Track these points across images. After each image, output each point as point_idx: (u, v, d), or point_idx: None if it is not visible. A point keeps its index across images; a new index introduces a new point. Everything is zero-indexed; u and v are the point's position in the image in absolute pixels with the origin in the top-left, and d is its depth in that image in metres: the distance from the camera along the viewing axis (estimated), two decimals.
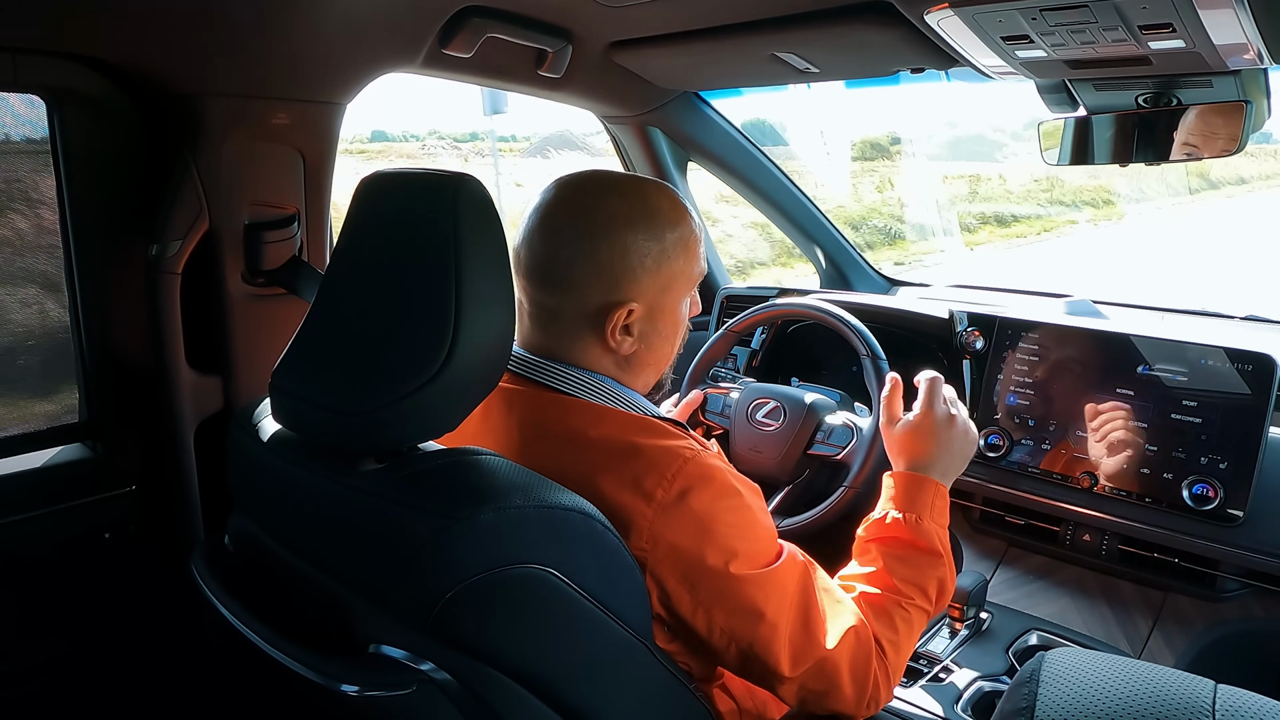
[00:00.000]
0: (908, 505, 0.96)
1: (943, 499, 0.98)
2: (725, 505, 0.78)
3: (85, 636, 1.28)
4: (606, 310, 0.83)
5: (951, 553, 0.96)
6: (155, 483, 1.30)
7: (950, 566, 0.95)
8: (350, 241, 0.77)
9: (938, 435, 1.01)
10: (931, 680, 1.16)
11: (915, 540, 0.93)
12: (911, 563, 0.92)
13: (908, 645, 0.89)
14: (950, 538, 0.97)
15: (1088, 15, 1.02)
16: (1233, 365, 1.25)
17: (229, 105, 1.19)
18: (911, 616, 0.90)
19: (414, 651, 0.67)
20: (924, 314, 1.54)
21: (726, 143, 1.97)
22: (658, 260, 0.84)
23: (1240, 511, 1.22)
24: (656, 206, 0.85)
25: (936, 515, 0.96)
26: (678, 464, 0.77)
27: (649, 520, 0.75)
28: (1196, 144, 1.29)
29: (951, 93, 2.49)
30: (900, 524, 0.94)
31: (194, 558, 0.84)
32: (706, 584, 0.77)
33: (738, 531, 0.78)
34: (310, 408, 0.72)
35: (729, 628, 0.78)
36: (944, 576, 0.93)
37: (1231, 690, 0.47)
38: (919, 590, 0.91)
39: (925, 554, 0.93)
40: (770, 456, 1.38)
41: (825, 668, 0.81)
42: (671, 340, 0.90)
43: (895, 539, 0.94)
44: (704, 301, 2.11)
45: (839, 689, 0.82)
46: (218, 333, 1.27)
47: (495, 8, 1.28)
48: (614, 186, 0.85)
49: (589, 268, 0.82)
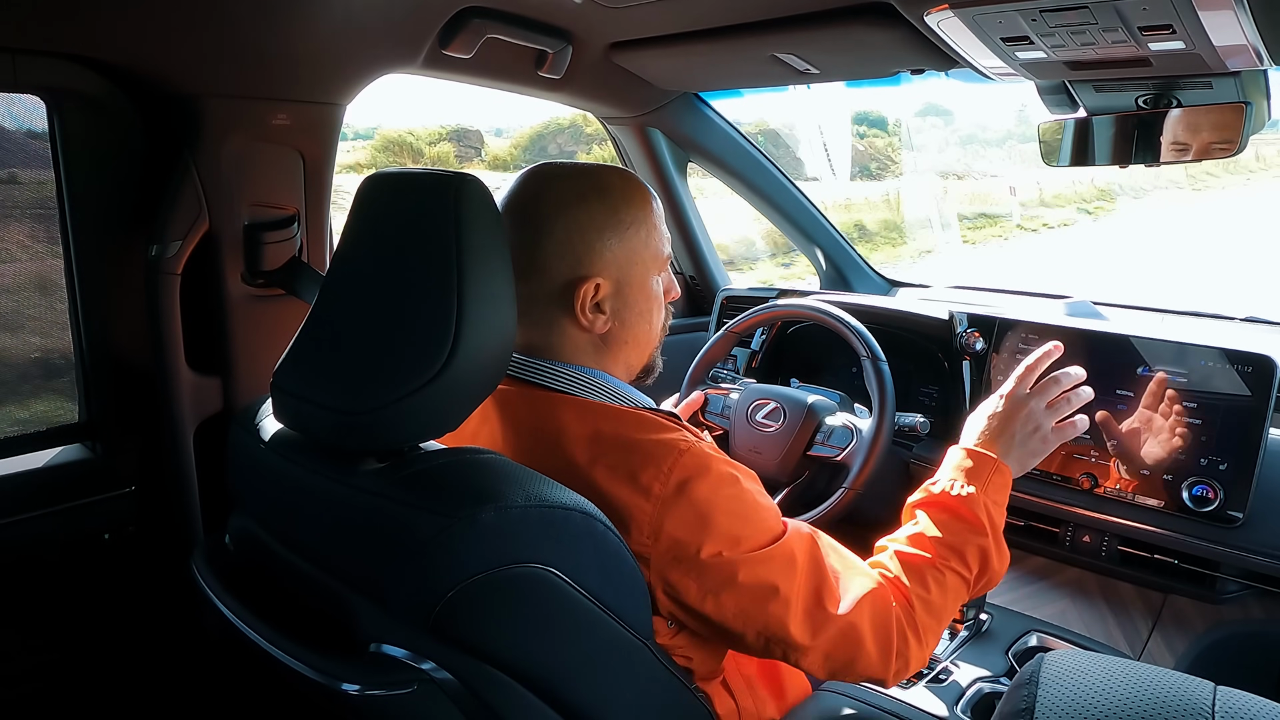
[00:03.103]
0: (958, 475, 0.96)
1: (1002, 477, 0.97)
2: (724, 494, 0.78)
3: (85, 637, 1.28)
4: (573, 287, 0.84)
5: (1002, 533, 0.94)
6: (155, 483, 1.30)
7: (999, 544, 0.94)
8: (352, 241, 0.77)
9: (1010, 420, 1.00)
10: (932, 681, 1.16)
11: (958, 508, 0.93)
12: (952, 529, 0.92)
13: (942, 607, 0.88)
14: None
15: (1088, 17, 1.02)
16: (1232, 367, 1.25)
17: (229, 105, 1.19)
18: (946, 579, 0.89)
19: (415, 651, 0.67)
20: (924, 315, 1.54)
21: (726, 144, 1.97)
22: (616, 234, 0.85)
23: (1240, 513, 1.22)
24: (608, 184, 0.86)
25: (991, 491, 0.95)
26: (673, 456, 0.77)
27: (649, 515, 0.76)
28: (1196, 145, 1.29)
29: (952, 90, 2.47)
30: (947, 492, 0.95)
31: (194, 558, 0.84)
32: (713, 572, 0.77)
33: (739, 518, 0.78)
34: (312, 407, 0.72)
35: (741, 609, 0.78)
36: (986, 548, 0.92)
37: (1231, 692, 0.47)
38: (956, 555, 0.91)
39: (967, 523, 0.92)
40: (770, 457, 1.38)
41: (846, 633, 0.80)
42: (648, 318, 0.90)
43: (939, 504, 0.94)
44: (704, 301, 2.12)
45: (864, 652, 0.82)
46: (217, 333, 1.27)
47: (495, 9, 1.28)
48: (564, 171, 0.87)
49: (548, 247, 0.83)
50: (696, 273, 2.15)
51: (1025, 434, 1.00)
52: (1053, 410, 1.01)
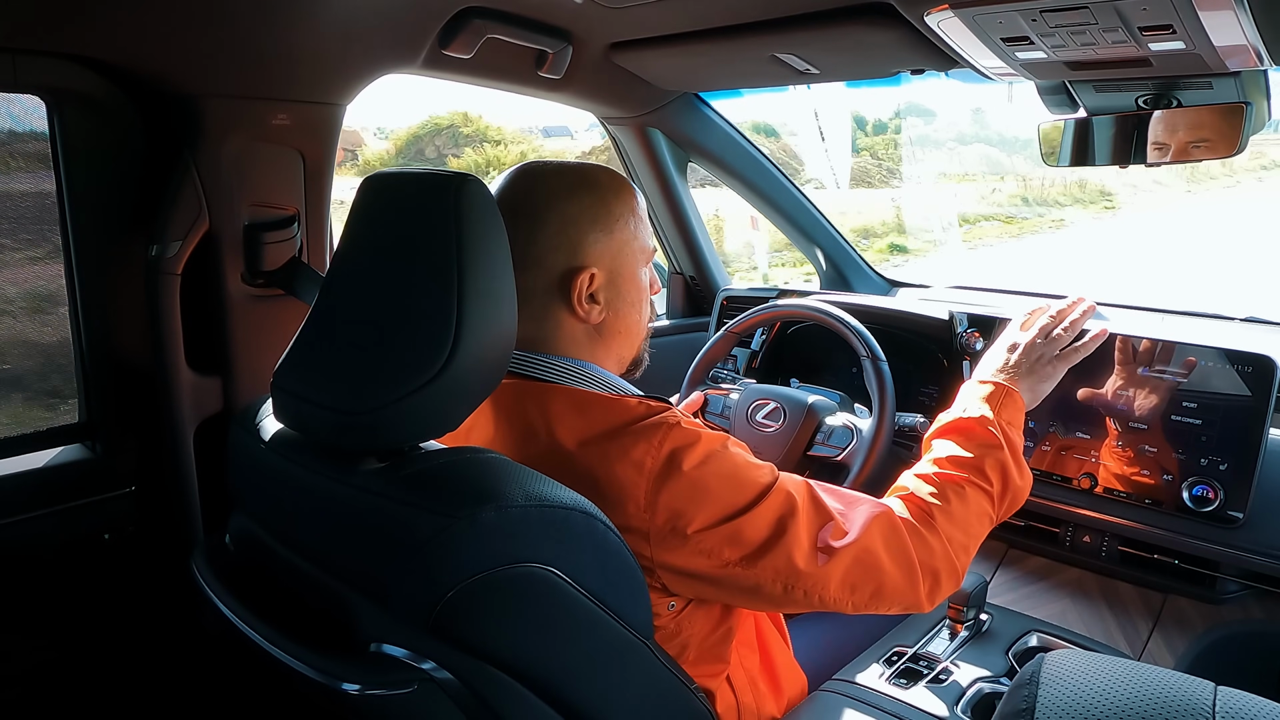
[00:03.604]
0: (971, 401, 1.01)
1: (1014, 402, 1.02)
2: (716, 461, 0.79)
3: (85, 637, 1.28)
4: (569, 277, 0.86)
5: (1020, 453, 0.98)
6: (155, 483, 1.30)
7: (1019, 462, 0.96)
8: (352, 241, 0.77)
9: (1011, 351, 1.08)
10: (932, 681, 1.16)
11: (972, 428, 0.96)
12: (968, 447, 0.95)
13: (965, 518, 0.90)
14: None
15: (1088, 17, 1.02)
16: (1233, 367, 1.25)
17: (229, 105, 1.19)
18: (966, 493, 0.91)
19: (415, 650, 0.67)
20: (924, 315, 1.54)
21: (726, 144, 1.97)
22: (607, 225, 0.87)
23: (1240, 513, 1.22)
24: (596, 179, 0.89)
25: (1005, 413, 1.00)
26: (662, 431, 0.79)
27: (643, 490, 0.77)
28: (1196, 145, 1.29)
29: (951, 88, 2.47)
30: (960, 416, 0.98)
31: (194, 558, 0.84)
32: (714, 535, 0.78)
33: (732, 483, 0.79)
34: (312, 407, 0.72)
35: (752, 559, 0.79)
36: (1005, 461, 0.94)
37: (1232, 692, 0.47)
38: (975, 469, 0.93)
39: (982, 441, 0.95)
40: (770, 458, 1.37)
41: (860, 558, 0.82)
42: (638, 308, 0.92)
43: (954, 429, 0.98)
44: (704, 302, 2.12)
45: (886, 575, 0.83)
46: (217, 333, 1.27)
47: (495, 9, 1.28)
48: (551, 168, 0.89)
49: (543, 240, 0.86)
50: (696, 273, 2.15)
51: (1031, 362, 1.07)
52: (1053, 341, 1.09)
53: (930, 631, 1.27)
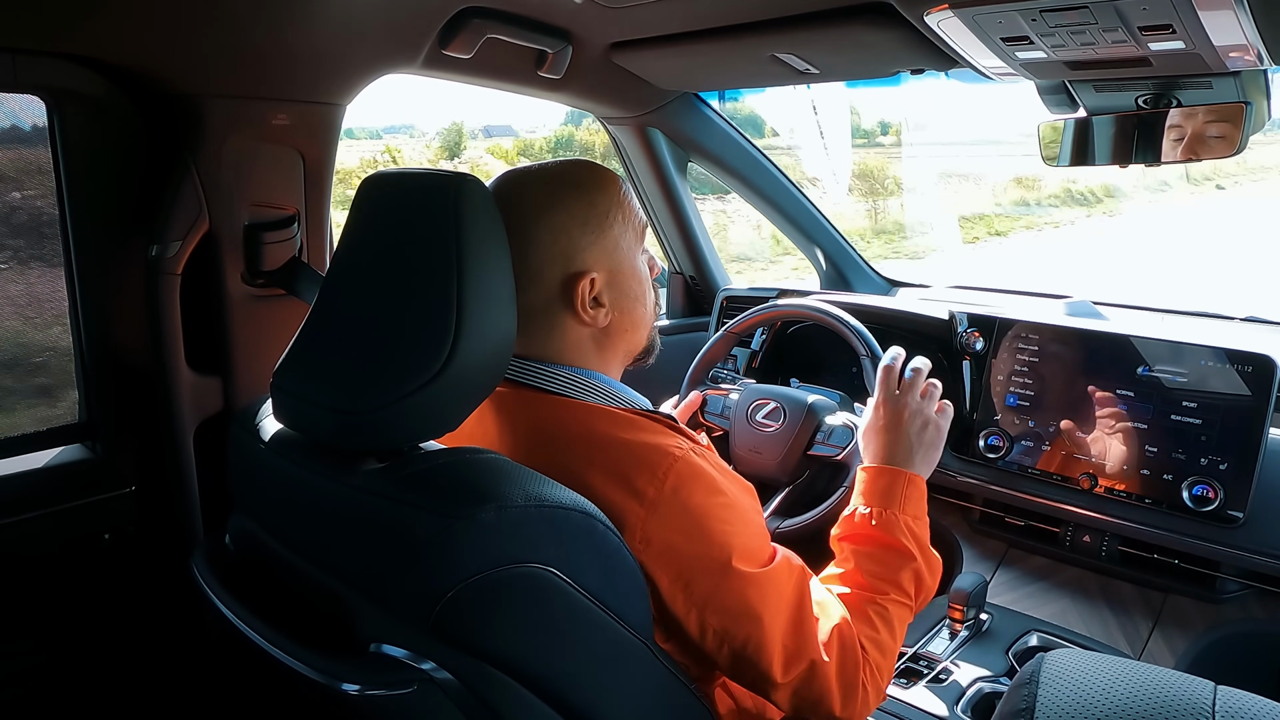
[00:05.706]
0: (873, 499, 0.95)
1: (916, 489, 0.97)
2: (717, 503, 0.78)
3: (86, 637, 1.28)
4: (570, 284, 0.84)
5: (928, 544, 0.95)
6: (155, 483, 1.30)
7: (927, 558, 0.94)
8: (352, 241, 0.77)
9: (897, 425, 1.01)
10: (932, 680, 1.17)
11: (883, 537, 0.93)
12: (881, 560, 0.91)
13: (890, 643, 0.88)
14: (950, 538, 0.97)
15: (1088, 16, 1.02)
16: (1232, 366, 1.25)
17: (229, 105, 1.19)
18: (890, 613, 0.89)
19: (415, 651, 0.67)
20: (924, 315, 1.54)
21: (726, 143, 1.97)
22: (598, 225, 0.85)
23: (1240, 513, 1.22)
24: (577, 178, 0.86)
25: (909, 507, 0.95)
26: (668, 462, 0.77)
27: (641, 520, 0.75)
28: (1196, 145, 1.29)
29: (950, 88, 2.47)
30: (866, 520, 0.94)
31: (194, 558, 0.84)
32: (700, 583, 0.77)
33: (731, 529, 0.78)
34: (312, 407, 0.72)
35: (722, 628, 0.78)
36: (919, 570, 0.92)
37: (1232, 692, 0.47)
38: (893, 585, 0.90)
39: (894, 550, 0.92)
40: (770, 457, 1.38)
41: (816, 672, 0.81)
42: (643, 299, 0.90)
43: (863, 536, 0.94)
44: (704, 301, 2.12)
45: (830, 694, 0.82)
46: (217, 333, 1.27)
47: (495, 9, 1.28)
48: (530, 175, 0.87)
49: (536, 253, 0.83)
50: (696, 273, 2.15)
51: (917, 431, 1.01)
52: (928, 398, 1.03)
53: (930, 631, 1.27)
